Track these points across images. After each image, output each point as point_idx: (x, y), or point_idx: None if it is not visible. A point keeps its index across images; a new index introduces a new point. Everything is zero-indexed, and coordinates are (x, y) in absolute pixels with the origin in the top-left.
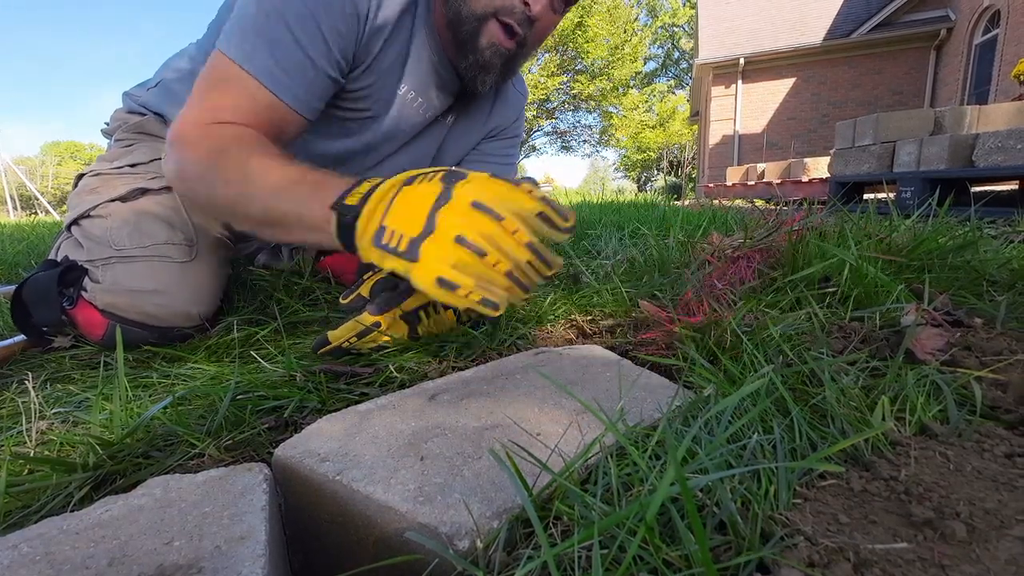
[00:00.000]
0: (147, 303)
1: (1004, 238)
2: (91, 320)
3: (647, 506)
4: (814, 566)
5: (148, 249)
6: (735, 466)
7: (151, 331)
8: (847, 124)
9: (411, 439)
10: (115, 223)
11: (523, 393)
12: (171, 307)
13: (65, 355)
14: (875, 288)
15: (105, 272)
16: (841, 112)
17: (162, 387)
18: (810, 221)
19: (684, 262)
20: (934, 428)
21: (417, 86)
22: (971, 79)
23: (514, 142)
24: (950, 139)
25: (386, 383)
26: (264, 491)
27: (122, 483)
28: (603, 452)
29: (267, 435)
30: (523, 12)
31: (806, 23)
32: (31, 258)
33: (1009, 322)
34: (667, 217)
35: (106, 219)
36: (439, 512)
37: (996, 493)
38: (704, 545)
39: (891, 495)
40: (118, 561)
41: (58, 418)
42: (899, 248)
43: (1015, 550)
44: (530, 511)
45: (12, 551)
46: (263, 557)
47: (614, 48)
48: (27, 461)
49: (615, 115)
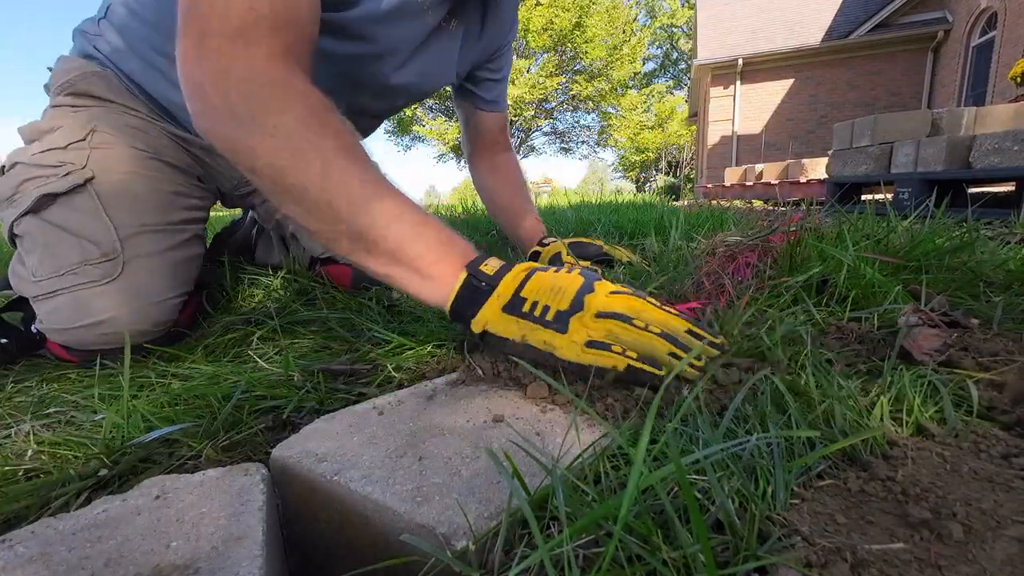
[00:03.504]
0: (90, 335)
1: (1001, 239)
2: (61, 353)
3: (626, 497)
4: (811, 566)
5: (64, 278)
6: (732, 466)
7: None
8: (845, 125)
9: (409, 439)
10: (28, 246)
11: (523, 392)
12: (116, 332)
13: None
14: (872, 289)
15: (38, 308)
16: (839, 113)
17: (159, 387)
18: (808, 221)
19: (682, 261)
20: (931, 429)
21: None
22: (968, 81)
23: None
24: (947, 140)
25: (384, 383)
26: (261, 491)
27: (119, 484)
28: (603, 451)
29: (264, 435)
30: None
31: (804, 24)
32: None
33: (1005, 323)
34: (665, 218)
35: (22, 241)
36: (437, 512)
37: (992, 494)
38: (706, 544)
39: (888, 495)
40: (114, 562)
41: (57, 419)
42: (896, 249)
43: (1011, 550)
44: (526, 511)
45: (8, 551)
46: (260, 557)
47: (613, 49)
48: (30, 460)
49: (614, 116)
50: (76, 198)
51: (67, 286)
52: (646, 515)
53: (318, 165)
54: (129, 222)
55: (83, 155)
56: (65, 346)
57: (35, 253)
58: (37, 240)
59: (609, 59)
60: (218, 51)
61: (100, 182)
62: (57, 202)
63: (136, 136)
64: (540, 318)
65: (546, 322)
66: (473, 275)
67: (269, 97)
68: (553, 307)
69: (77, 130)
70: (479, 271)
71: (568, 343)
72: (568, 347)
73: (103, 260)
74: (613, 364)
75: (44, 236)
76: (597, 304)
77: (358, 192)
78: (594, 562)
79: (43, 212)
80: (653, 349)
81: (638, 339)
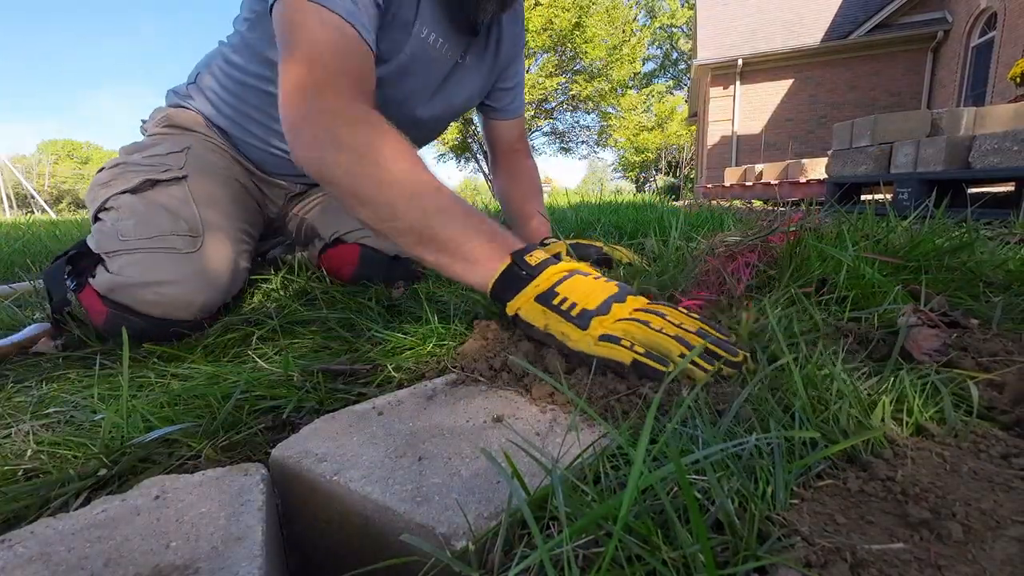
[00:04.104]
0: (147, 292)
1: (1000, 239)
2: (94, 307)
3: (626, 497)
4: (811, 566)
5: (152, 240)
6: (732, 466)
7: (149, 321)
8: (844, 125)
9: (409, 439)
10: (123, 214)
11: (523, 392)
12: (171, 296)
13: (59, 356)
14: (872, 289)
15: (112, 262)
16: (839, 113)
17: (159, 387)
18: (808, 221)
19: (682, 261)
20: (931, 429)
21: (432, 25)
22: (968, 81)
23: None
24: (947, 141)
25: (384, 383)
26: (261, 491)
27: (119, 484)
28: (603, 451)
29: (264, 435)
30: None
31: (804, 24)
32: (26, 257)
33: (1005, 323)
34: (665, 218)
35: (116, 211)
36: (436, 512)
37: (992, 494)
38: (706, 544)
39: (888, 495)
40: (114, 562)
41: (56, 418)
42: (896, 249)
43: (1011, 550)
44: (525, 511)
45: (8, 551)
46: (260, 557)
47: (612, 49)
48: (28, 460)
49: (613, 116)
50: (173, 187)
51: (152, 247)
52: (646, 515)
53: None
54: (210, 217)
55: (180, 159)
56: (106, 299)
57: (130, 220)
58: (136, 210)
59: (609, 59)
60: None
61: (192, 182)
62: (157, 187)
63: (219, 159)
64: (566, 312)
65: (570, 317)
66: (516, 263)
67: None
68: (580, 305)
69: (175, 146)
70: (523, 260)
71: (583, 336)
72: (582, 339)
73: (188, 235)
74: (620, 357)
75: (143, 207)
76: (622, 313)
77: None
78: (594, 562)
79: (143, 192)
80: (664, 348)
81: (651, 337)
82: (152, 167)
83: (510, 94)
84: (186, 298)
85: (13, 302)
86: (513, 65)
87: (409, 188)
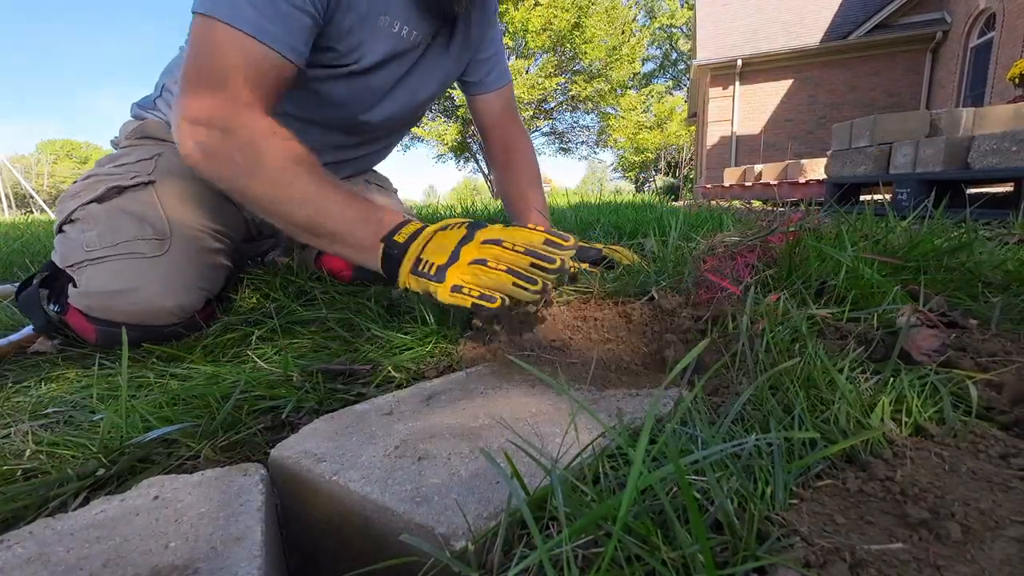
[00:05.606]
0: (120, 302)
1: (999, 240)
2: (81, 324)
3: (626, 497)
4: (810, 566)
5: (116, 247)
6: (731, 466)
7: (137, 330)
8: (844, 126)
9: (408, 439)
10: (87, 225)
11: (522, 392)
12: (142, 304)
13: (58, 356)
14: (871, 289)
15: (79, 275)
16: (838, 114)
17: (158, 387)
18: (807, 222)
19: (682, 261)
20: (930, 429)
21: (399, 14)
22: (967, 81)
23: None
24: (946, 141)
25: (384, 383)
26: (260, 492)
27: (118, 484)
28: (602, 451)
29: (263, 435)
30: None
31: (804, 25)
32: (25, 257)
33: (1004, 323)
34: (665, 218)
35: (81, 222)
36: (436, 513)
37: (991, 494)
38: (705, 544)
39: (887, 496)
40: (113, 562)
41: (55, 418)
42: (895, 249)
43: (1010, 550)
44: (524, 511)
45: (6, 552)
46: (259, 558)
47: (612, 49)
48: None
49: (613, 116)
50: (140, 193)
51: (117, 254)
52: (645, 515)
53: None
54: (179, 218)
55: (149, 166)
56: (87, 315)
57: (94, 229)
58: (99, 219)
59: (608, 59)
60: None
61: (160, 186)
62: (124, 194)
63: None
64: (427, 274)
65: (431, 276)
66: (387, 246)
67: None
68: (435, 264)
69: (145, 154)
70: (392, 241)
71: (440, 289)
72: (440, 292)
73: (154, 238)
74: (463, 303)
75: (107, 216)
76: (470, 256)
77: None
78: (593, 562)
79: (109, 200)
80: (498, 283)
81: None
82: (120, 175)
83: (487, 64)
84: (157, 303)
85: (12, 302)
86: (488, 32)
87: (297, 194)
